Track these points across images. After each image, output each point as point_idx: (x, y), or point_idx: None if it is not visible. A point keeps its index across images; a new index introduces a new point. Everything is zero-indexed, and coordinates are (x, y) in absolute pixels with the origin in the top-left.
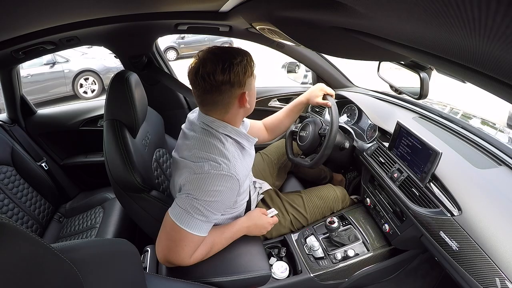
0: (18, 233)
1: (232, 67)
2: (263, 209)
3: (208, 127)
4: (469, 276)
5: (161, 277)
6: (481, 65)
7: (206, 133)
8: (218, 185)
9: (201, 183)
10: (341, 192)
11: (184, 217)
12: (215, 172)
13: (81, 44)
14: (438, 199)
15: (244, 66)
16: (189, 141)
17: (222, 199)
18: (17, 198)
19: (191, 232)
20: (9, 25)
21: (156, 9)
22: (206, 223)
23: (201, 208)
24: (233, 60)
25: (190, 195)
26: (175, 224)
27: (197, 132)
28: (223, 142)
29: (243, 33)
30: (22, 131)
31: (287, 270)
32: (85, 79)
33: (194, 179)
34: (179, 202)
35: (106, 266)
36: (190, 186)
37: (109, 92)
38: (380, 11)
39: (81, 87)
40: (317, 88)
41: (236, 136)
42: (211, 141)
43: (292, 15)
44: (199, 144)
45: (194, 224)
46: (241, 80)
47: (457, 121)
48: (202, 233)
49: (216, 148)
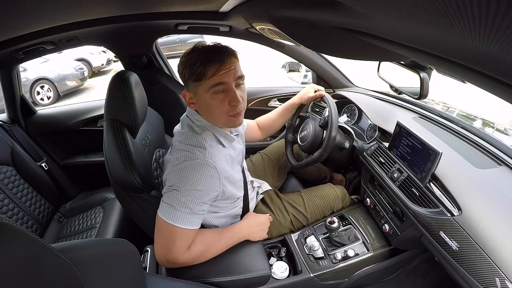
0: (18, 233)
1: (181, 60)
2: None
3: (189, 120)
4: (469, 276)
5: (161, 277)
6: (481, 65)
7: (187, 127)
8: (195, 173)
9: (179, 173)
10: (341, 191)
11: (170, 212)
12: (190, 162)
13: (81, 44)
14: (438, 199)
15: (185, 66)
16: (175, 137)
17: (202, 187)
18: (17, 198)
19: (179, 226)
20: (9, 25)
21: (156, 9)
22: (191, 215)
23: (184, 200)
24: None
25: (170, 187)
26: (163, 221)
27: (183, 128)
28: (199, 132)
29: (243, 33)
30: (22, 131)
31: (287, 270)
32: (41, 87)
33: (173, 171)
34: (164, 198)
35: (106, 266)
36: (171, 179)
37: (109, 92)
38: (380, 11)
39: (38, 94)
40: (308, 87)
41: (212, 131)
42: (189, 133)
43: (292, 15)
44: (180, 138)
45: (180, 217)
46: (181, 77)
47: (457, 121)
48: (191, 225)
49: (195, 138)
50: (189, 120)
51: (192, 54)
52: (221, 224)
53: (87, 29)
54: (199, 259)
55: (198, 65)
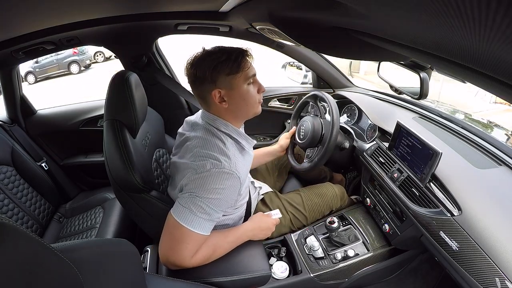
0: (18, 233)
1: (201, 63)
2: (266, 213)
3: (210, 126)
4: (469, 276)
5: (161, 277)
6: (481, 65)
7: (208, 133)
8: (220, 183)
9: (203, 181)
10: (340, 189)
11: (187, 216)
12: (217, 170)
13: (81, 44)
14: (438, 199)
15: (216, 63)
16: (190, 142)
17: (224, 196)
18: (17, 198)
19: (193, 231)
20: (9, 25)
21: (156, 9)
22: (208, 222)
23: (203, 206)
24: (208, 57)
25: (192, 193)
26: (177, 223)
27: (199, 132)
28: (224, 141)
29: (243, 33)
30: (22, 131)
31: (287, 270)
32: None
33: (196, 178)
34: (181, 201)
35: (106, 266)
36: (193, 185)
37: (109, 92)
38: (380, 11)
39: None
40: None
41: (237, 136)
42: (212, 140)
43: (292, 15)
44: (200, 143)
45: (197, 222)
46: (208, 77)
47: (457, 121)
48: (205, 231)
49: (217, 146)
50: (209, 126)
51: (216, 54)
52: (227, 225)
53: (87, 29)
54: (203, 263)
55: (235, 59)
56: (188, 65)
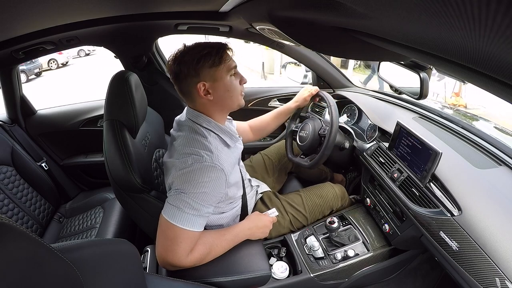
0: (18, 233)
1: (184, 58)
2: (263, 213)
3: (193, 123)
4: (469, 276)
5: (161, 277)
6: (481, 65)
7: (191, 131)
8: (203, 176)
9: (186, 177)
10: (340, 189)
11: (175, 214)
12: (198, 164)
13: (81, 44)
14: (438, 199)
15: (199, 56)
16: (176, 141)
17: (210, 190)
18: (17, 198)
19: (184, 228)
20: (9, 25)
21: (156, 9)
22: (198, 217)
23: (190, 202)
24: (190, 51)
25: (178, 190)
26: (168, 222)
27: (183, 131)
28: (205, 135)
29: (243, 33)
30: (22, 131)
31: (287, 270)
32: None
33: (180, 175)
34: (169, 200)
35: (106, 266)
36: (178, 182)
37: (109, 92)
38: (380, 11)
39: None
40: (302, 90)
41: (219, 132)
42: (194, 137)
43: (292, 15)
44: (184, 141)
45: (186, 219)
46: (192, 70)
47: (457, 121)
48: (196, 227)
49: (199, 142)
50: (191, 123)
51: (198, 48)
52: (222, 225)
53: (87, 29)
54: (200, 262)
55: (216, 52)
56: (171, 61)
